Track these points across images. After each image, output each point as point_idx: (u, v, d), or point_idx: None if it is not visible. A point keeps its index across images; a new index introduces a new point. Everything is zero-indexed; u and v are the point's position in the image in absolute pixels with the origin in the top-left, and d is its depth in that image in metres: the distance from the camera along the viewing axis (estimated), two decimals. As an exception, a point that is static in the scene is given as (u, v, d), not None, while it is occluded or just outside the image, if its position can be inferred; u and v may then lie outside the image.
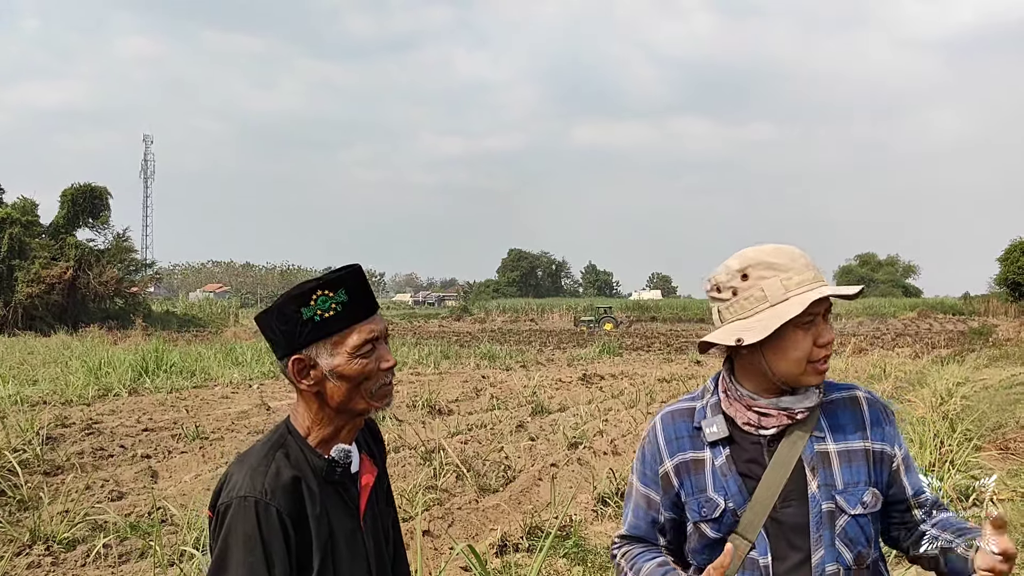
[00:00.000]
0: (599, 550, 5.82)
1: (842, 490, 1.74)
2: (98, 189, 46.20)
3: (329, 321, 1.64)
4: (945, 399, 12.40)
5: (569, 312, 64.53)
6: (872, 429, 1.82)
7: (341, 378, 1.66)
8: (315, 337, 1.65)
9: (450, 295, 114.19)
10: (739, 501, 1.77)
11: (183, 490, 7.39)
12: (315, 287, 1.64)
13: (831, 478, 1.74)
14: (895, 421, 1.87)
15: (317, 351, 1.66)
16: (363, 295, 1.69)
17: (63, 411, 11.53)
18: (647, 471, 1.92)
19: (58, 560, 5.51)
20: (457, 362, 21.67)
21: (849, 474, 1.75)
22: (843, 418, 1.81)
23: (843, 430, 1.80)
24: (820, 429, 1.78)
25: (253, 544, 1.55)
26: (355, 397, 1.69)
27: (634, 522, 1.96)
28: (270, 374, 17.55)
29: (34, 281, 40.57)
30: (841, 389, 1.88)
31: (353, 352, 1.66)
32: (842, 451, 1.77)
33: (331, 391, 1.68)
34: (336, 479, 1.71)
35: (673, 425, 1.90)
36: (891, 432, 1.84)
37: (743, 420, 1.79)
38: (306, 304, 1.63)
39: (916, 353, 24.33)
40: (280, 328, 1.66)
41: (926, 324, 50.12)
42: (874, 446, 1.80)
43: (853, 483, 1.75)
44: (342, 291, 1.65)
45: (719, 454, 1.81)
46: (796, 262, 1.74)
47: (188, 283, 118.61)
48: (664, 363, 22.00)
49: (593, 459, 8.65)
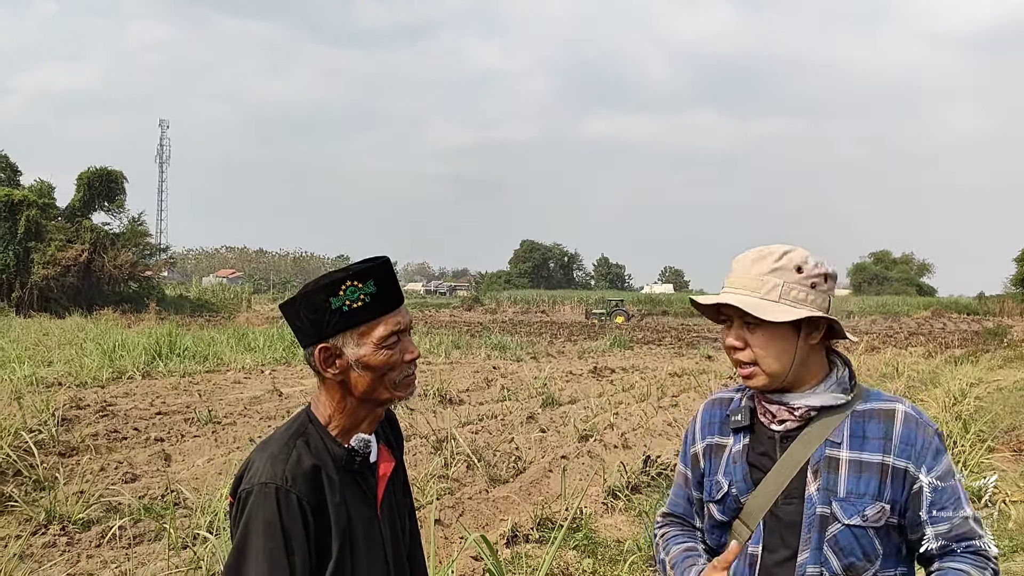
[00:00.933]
0: (609, 543, 5.84)
1: (843, 498, 1.75)
2: (114, 173, 46.46)
3: (357, 312, 1.65)
4: (958, 399, 12.33)
5: (580, 304, 64.44)
6: (899, 445, 1.77)
7: (366, 368, 1.68)
8: (342, 327, 1.66)
9: (462, 285, 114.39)
10: (742, 488, 1.86)
11: (196, 474, 7.45)
12: (345, 277, 1.65)
13: (834, 484, 1.76)
14: (936, 443, 1.79)
15: (344, 341, 1.67)
16: (391, 287, 1.70)
17: (78, 393, 11.63)
18: (686, 451, 2.08)
19: (73, 540, 5.57)
20: (468, 352, 21.70)
21: (855, 484, 1.75)
22: (869, 429, 1.79)
23: (863, 440, 1.78)
24: (839, 436, 1.79)
25: (273, 530, 1.57)
26: (379, 387, 1.70)
27: (673, 500, 2.13)
28: (282, 360, 17.64)
29: (50, 263, 40.88)
30: (883, 400, 1.85)
31: (379, 343, 1.67)
32: (854, 460, 1.76)
33: (355, 380, 1.69)
34: (355, 468, 1.72)
35: (711, 411, 2.05)
36: (923, 454, 1.77)
37: (761, 412, 1.89)
38: (335, 294, 1.64)
39: (929, 352, 24.18)
40: (308, 317, 1.67)
41: (940, 323, 49.77)
42: (895, 463, 1.76)
43: (858, 494, 1.75)
44: (371, 282, 1.66)
45: (738, 441, 1.91)
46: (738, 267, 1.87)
47: (201, 268, 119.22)
48: (675, 357, 21.96)
49: (603, 452, 8.66)
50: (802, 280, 1.80)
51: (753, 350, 1.81)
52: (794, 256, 1.82)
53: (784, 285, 1.79)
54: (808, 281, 1.81)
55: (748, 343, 1.81)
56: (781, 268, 1.81)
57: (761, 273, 1.81)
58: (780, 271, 1.81)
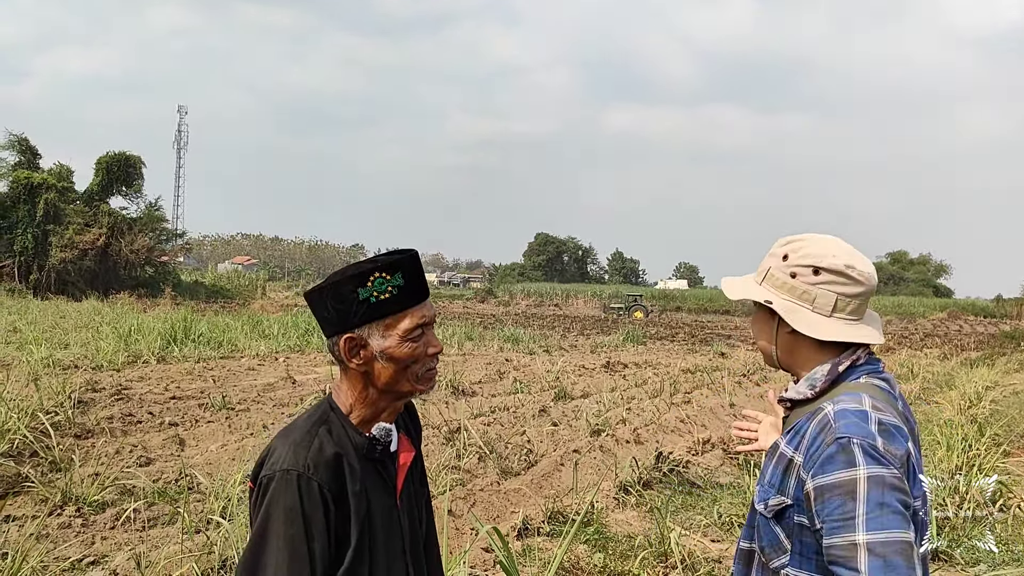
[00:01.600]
0: (620, 538, 5.83)
1: (763, 484, 1.81)
2: (132, 158, 46.63)
3: (384, 303, 1.66)
4: (974, 402, 12.24)
5: (594, 299, 64.32)
6: (806, 445, 1.70)
7: (390, 360, 1.69)
8: (369, 318, 1.67)
9: (475, 276, 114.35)
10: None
11: (209, 459, 7.50)
12: (373, 269, 1.66)
13: (766, 470, 1.83)
14: (831, 451, 1.62)
15: (369, 332, 1.68)
16: (418, 280, 1.71)
17: (94, 376, 11.72)
18: None
19: (88, 522, 5.62)
20: (481, 344, 21.72)
21: (772, 474, 1.79)
22: (804, 425, 1.75)
23: (795, 434, 1.77)
24: (792, 425, 1.82)
25: (294, 517, 1.57)
26: (401, 379, 1.71)
27: None
28: (296, 348, 17.71)
29: (68, 246, 41.14)
30: (833, 402, 1.73)
31: (404, 335, 1.68)
32: (780, 452, 1.80)
33: (379, 372, 1.70)
34: (376, 457, 1.73)
35: None
36: (813, 459, 1.64)
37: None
38: (363, 285, 1.65)
39: (945, 354, 24.01)
40: (335, 306, 1.67)
41: (956, 325, 49.37)
42: (797, 459, 1.71)
43: (769, 484, 1.79)
44: (399, 275, 1.67)
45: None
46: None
47: (217, 254, 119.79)
48: (688, 354, 21.90)
49: (615, 447, 8.65)
50: (784, 267, 1.84)
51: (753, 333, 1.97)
52: (792, 246, 1.86)
53: (769, 270, 1.87)
54: (789, 270, 1.82)
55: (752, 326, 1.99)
56: (773, 254, 1.88)
57: (765, 258, 1.92)
58: (771, 257, 1.89)
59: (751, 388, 14.23)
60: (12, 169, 42.80)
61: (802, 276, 1.80)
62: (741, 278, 1.97)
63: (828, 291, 1.79)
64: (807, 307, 1.80)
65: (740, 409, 8.79)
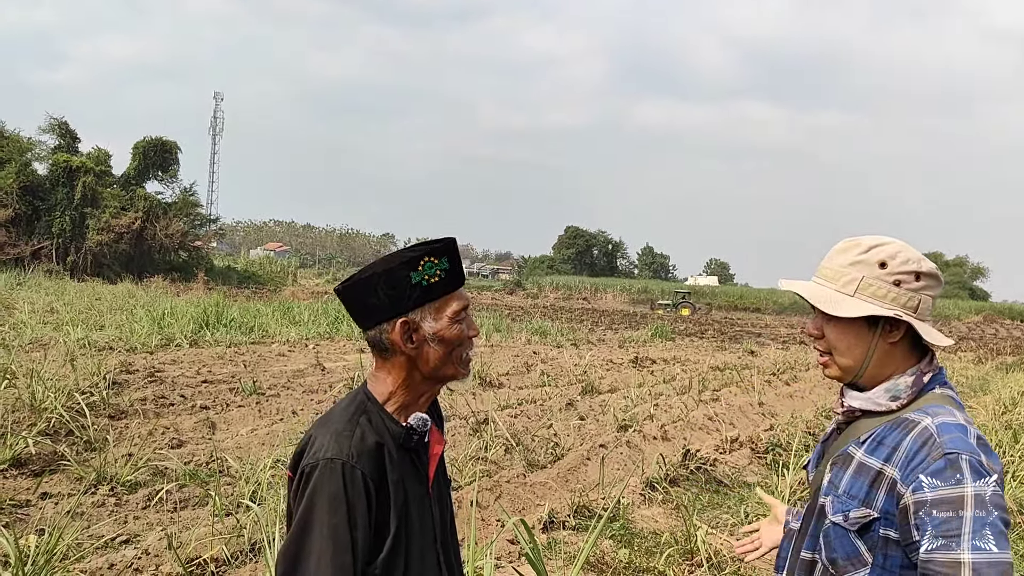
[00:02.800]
0: (646, 534, 5.82)
1: (838, 495, 1.76)
2: (168, 143, 47.22)
3: (435, 286, 1.72)
4: (1009, 408, 12.03)
5: (624, 293, 64.11)
6: (903, 458, 1.65)
7: (441, 342, 1.73)
8: (421, 301, 1.72)
9: (504, 268, 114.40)
10: (811, 466, 2.00)
11: (239, 443, 7.59)
12: (423, 253, 1.71)
13: (838, 480, 1.78)
14: (940, 466, 1.58)
15: (422, 315, 1.73)
16: (459, 265, 1.77)
17: (128, 358, 11.92)
18: None
19: (121, 501, 5.73)
20: (508, 336, 21.73)
21: (851, 485, 1.74)
22: (890, 435, 1.72)
23: (879, 445, 1.73)
24: (869, 435, 1.77)
25: (338, 505, 1.59)
26: (447, 362, 1.76)
27: None
28: (326, 335, 17.86)
29: (104, 229, 41.78)
30: (925, 414, 1.70)
31: (453, 317, 1.74)
32: (861, 462, 1.75)
33: (427, 355, 1.74)
34: (412, 446, 1.75)
35: None
36: (915, 472, 1.61)
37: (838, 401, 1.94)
38: (415, 269, 1.70)
39: (979, 359, 23.63)
40: (387, 292, 1.71)
41: (991, 329, 48.56)
42: (891, 472, 1.66)
43: (849, 495, 1.74)
44: (445, 259, 1.73)
45: (832, 426, 1.98)
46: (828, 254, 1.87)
47: (249, 240, 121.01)
48: (717, 351, 21.75)
49: (642, 443, 8.62)
50: (884, 276, 1.74)
51: (829, 340, 1.81)
52: (882, 250, 1.76)
53: (864, 279, 1.75)
54: (891, 278, 1.74)
55: (824, 333, 1.82)
56: (863, 262, 1.76)
57: (842, 264, 1.79)
58: (861, 264, 1.76)
59: (780, 387, 14.11)
60: (52, 152, 43.58)
61: (906, 283, 1.74)
62: (820, 288, 1.79)
63: (928, 296, 1.77)
64: (913, 315, 1.74)
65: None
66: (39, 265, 38.53)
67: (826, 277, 1.81)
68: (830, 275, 1.80)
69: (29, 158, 42.90)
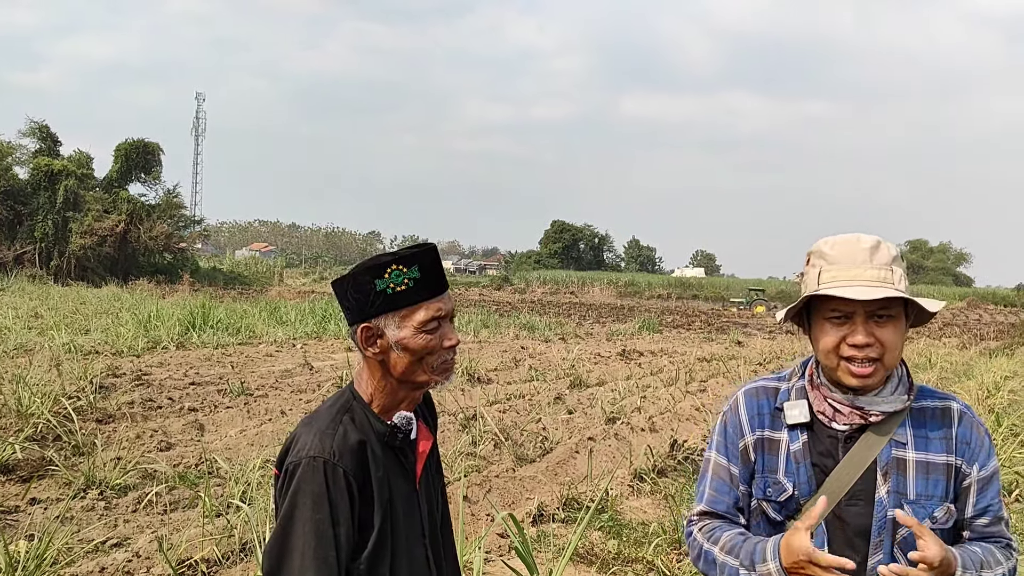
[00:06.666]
0: (634, 525, 5.87)
1: (913, 500, 1.72)
2: (150, 145, 46.94)
3: (400, 295, 1.71)
4: (992, 392, 12.18)
5: (611, 286, 64.18)
6: (958, 445, 1.76)
7: (405, 350, 1.73)
8: (385, 309, 1.71)
9: (491, 264, 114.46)
10: (805, 491, 1.78)
11: (228, 444, 7.59)
12: (391, 261, 1.70)
13: (903, 486, 1.72)
14: (987, 442, 1.79)
15: (385, 322, 1.73)
16: (434, 274, 1.75)
17: (114, 361, 11.87)
18: (728, 444, 1.92)
19: (111, 505, 5.72)
20: (496, 331, 21.76)
21: (924, 486, 1.73)
22: (931, 428, 1.76)
23: (927, 440, 1.75)
24: (903, 435, 1.75)
25: (321, 502, 1.62)
26: (417, 370, 1.75)
27: (715, 496, 1.94)
28: (313, 334, 17.83)
29: (87, 233, 41.51)
30: (936, 398, 1.82)
31: (419, 327, 1.72)
32: (921, 461, 1.74)
33: (395, 361, 1.74)
34: (397, 444, 1.77)
35: (756, 401, 1.91)
36: (977, 453, 1.77)
37: (818, 409, 1.80)
38: (380, 276, 1.70)
39: (963, 344, 23.84)
40: (354, 296, 1.73)
41: (976, 314, 48.91)
42: (956, 461, 1.76)
43: (927, 495, 1.73)
44: (415, 268, 1.71)
45: (795, 439, 1.81)
46: (848, 256, 1.71)
47: (235, 241, 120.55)
48: (704, 342, 21.86)
49: (631, 435, 8.68)
50: (904, 267, 1.76)
51: (883, 346, 1.70)
52: (890, 244, 1.75)
53: (903, 274, 1.73)
54: (904, 266, 1.76)
55: (878, 337, 1.70)
56: (897, 257, 1.74)
57: (886, 263, 1.71)
58: (898, 260, 1.74)
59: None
60: (33, 156, 43.25)
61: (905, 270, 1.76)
62: (894, 291, 1.68)
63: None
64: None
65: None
66: (22, 270, 38.26)
67: (874, 279, 1.69)
68: (878, 276, 1.69)
69: (10, 162, 42.58)
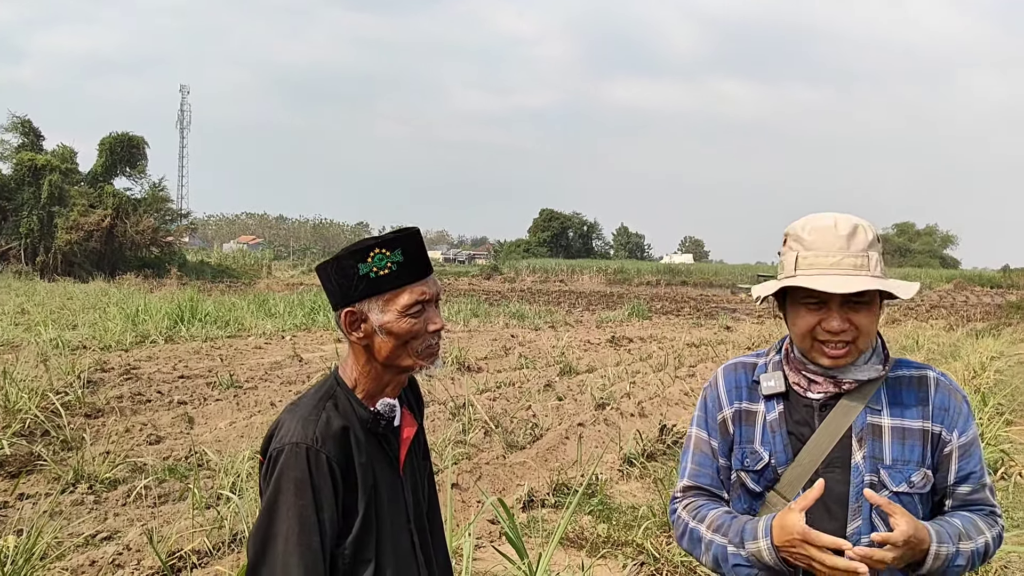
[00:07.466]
0: (624, 509, 5.91)
1: (889, 465, 1.74)
2: (135, 138, 46.59)
3: (383, 279, 1.70)
4: (978, 372, 12.29)
5: (600, 274, 64.20)
6: (935, 411, 1.79)
7: (389, 334, 1.73)
8: (368, 293, 1.71)
9: (480, 253, 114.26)
10: (782, 459, 1.81)
11: (218, 436, 7.59)
12: (374, 245, 1.70)
13: (879, 451, 1.75)
14: (965, 408, 1.82)
15: (369, 306, 1.72)
16: (418, 257, 1.75)
17: (102, 356, 11.83)
18: (708, 419, 1.96)
19: (100, 499, 5.72)
20: (486, 320, 21.77)
21: (900, 451, 1.75)
22: (906, 396, 1.80)
23: (903, 407, 1.78)
24: (878, 402, 1.78)
25: (304, 488, 1.63)
26: (401, 354, 1.75)
27: (697, 470, 1.95)
28: (302, 326, 17.80)
29: (73, 228, 41.23)
30: (912, 368, 1.85)
31: (403, 311, 1.72)
32: (896, 427, 1.76)
33: (379, 346, 1.74)
34: (380, 431, 1.78)
35: (735, 375, 1.95)
36: (954, 417, 1.79)
37: (793, 380, 1.84)
38: (363, 260, 1.70)
39: (951, 325, 24.00)
40: (337, 281, 1.73)
41: (962, 296, 49.25)
42: (933, 428, 1.78)
43: (903, 460, 1.75)
44: (398, 251, 1.71)
45: (772, 409, 1.85)
46: (825, 243, 1.71)
47: (222, 234, 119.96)
48: (693, 328, 21.93)
49: (620, 420, 8.72)
50: (880, 249, 1.76)
51: (857, 330, 1.73)
52: (868, 225, 1.75)
53: (879, 258, 1.73)
54: (880, 249, 1.76)
55: (853, 322, 1.72)
56: (874, 241, 1.73)
57: (861, 250, 1.71)
58: (874, 244, 1.73)
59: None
60: (16, 151, 42.85)
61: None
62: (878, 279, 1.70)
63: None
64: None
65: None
66: (8, 266, 38.03)
67: (851, 266, 1.70)
68: (855, 263, 1.70)
69: (-8, 158, 42.23)
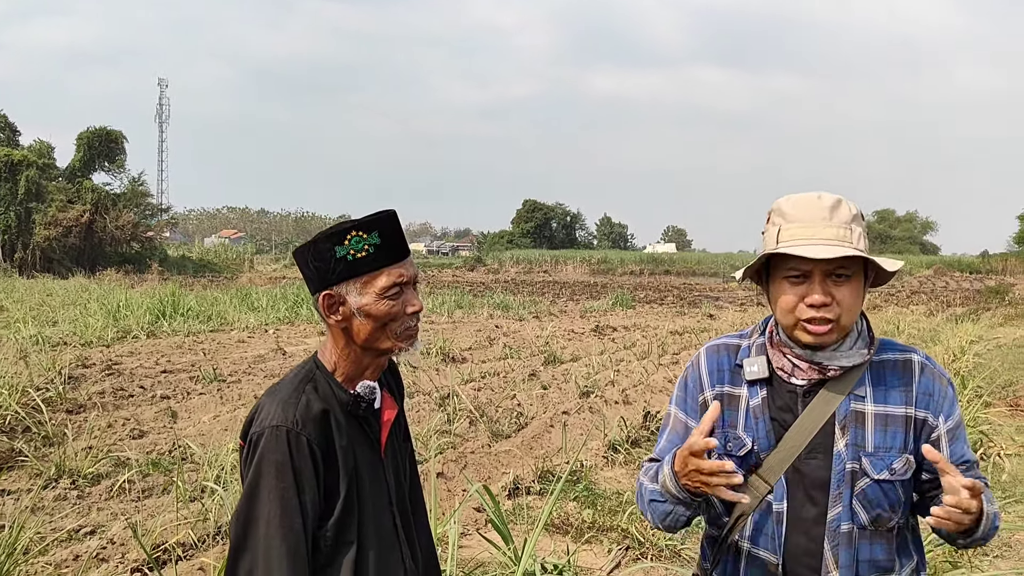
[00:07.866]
0: (608, 494, 5.94)
1: (871, 453, 1.72)
2: (114, 133, 46.21)
3: (360, 261, 1.70)
4: (957, 356, 12.43)
5: (584, 264, 64.36)
6: (919, 396, 1.77)
7: (367, 317, 1.72)
8: (346, 276, 1.71)
9: (464, 245, 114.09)
10: (765, 445, 1.79)
11: (202, 430, 7.56)
12: (351, 227, 1.70)
13: (861, 439, 1.73)
14: (951, 392, 1.80)
15: (347, 289, 1.72)
16: (396, 239, 1.75)
17: (83, 352, 11.73)
18: (688, 399, 1.93)
19: (83, 493, 5.68)
20: (470, 311, 21.77)
21: (882, 438, 1.73)
22: (890, 381, 1.77)
23: (886, 393, 1.76)
24: (862, 389, 1.75)
25: (284, 471, 1.63)
26: (380, 336, 1.75)
27: (667, 447, 1.92)
28: (285, 319, 17.73)
29: (51, 224, 40.89)
30: (897, 351, 1.82)
31: (381, 293, 1.72)
32: (880, 414, 1.74)
33: (357, 328, 1.74)
34: (360, 413, 1.78)
35: (717, 357, 1.91)
36: (939, 402, 1.77)
37: (777, 365, 1.80)
38: (340, 243, 1.69)
39: (931, 311, 24.23)
40: (315, 264, 1.73)
41: (942, 282, 49.66)
42: (917, 414, 1.76)
43: (885, 448, 1.73)
44: (375, 233, 1.71)
45: (755, 394, 1.82)
46: (808, 214, 1.70)
47: (203, 228, 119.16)
48: (677, 316, 22.03)
49: (604, 407, 8.76)
50: (863, 225, 1.74)
51: (839, 305, 1.69)
52: (850, 201, 1.73)
53: (862, 233, 1.71)
54: (864, 225, 1.74)
55: (836, 296, 1.69)
56: (857, 216, 1.72)
57: (845, 222, 1.69)
58: (858, 218, 1.72)
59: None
60: (-9, 147, 42.38)
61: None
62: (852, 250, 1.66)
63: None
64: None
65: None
66: (-15, 263, 37.60)
67: (834, 238, 1.67)
68: (838, 235, 1.68)
69: (-32, 154, 41.70)
